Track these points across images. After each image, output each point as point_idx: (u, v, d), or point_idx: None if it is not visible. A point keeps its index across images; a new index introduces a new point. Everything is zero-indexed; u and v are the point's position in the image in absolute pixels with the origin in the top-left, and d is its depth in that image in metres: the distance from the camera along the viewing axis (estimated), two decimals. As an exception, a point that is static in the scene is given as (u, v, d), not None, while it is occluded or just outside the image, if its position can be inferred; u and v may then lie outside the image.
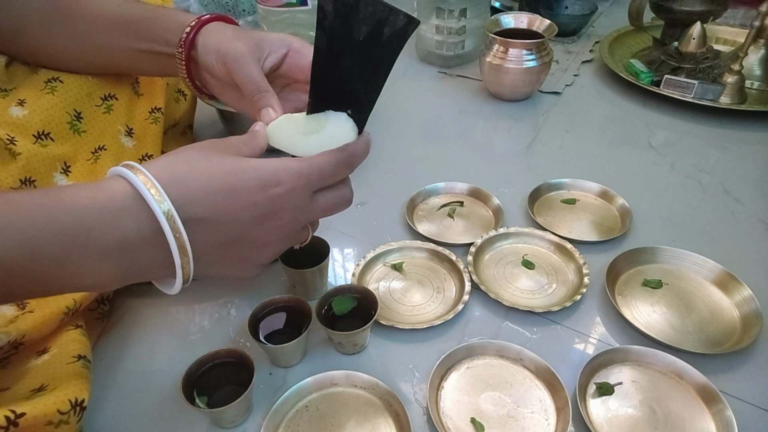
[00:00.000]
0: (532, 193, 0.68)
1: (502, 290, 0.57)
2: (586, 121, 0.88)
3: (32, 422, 0.35)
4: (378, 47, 0.37)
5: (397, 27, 0.36)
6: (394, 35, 0.36)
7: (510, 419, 0.45)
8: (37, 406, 0.36)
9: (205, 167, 0.36)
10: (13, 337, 0.42)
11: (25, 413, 0.35)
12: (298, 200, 0.38)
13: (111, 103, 0.57)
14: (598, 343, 0.52)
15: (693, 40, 0.90)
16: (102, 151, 0.55)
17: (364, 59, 0.38)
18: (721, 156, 0.79)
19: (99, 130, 0.56)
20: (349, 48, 0.37)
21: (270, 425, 0.44)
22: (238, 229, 0.37)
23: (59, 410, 0.37)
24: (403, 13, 0.36)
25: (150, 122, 0.60)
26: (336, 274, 0.60)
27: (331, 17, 0.36)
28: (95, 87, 0.56)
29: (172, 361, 0.51)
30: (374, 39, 0.36)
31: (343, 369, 0.48)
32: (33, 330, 0.44)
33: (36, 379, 0.41)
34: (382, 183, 0.74)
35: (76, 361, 0.43)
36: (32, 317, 0.44)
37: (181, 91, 0.72)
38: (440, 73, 1.05)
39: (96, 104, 0.56)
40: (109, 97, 0.57)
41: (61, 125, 0.52)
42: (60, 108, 0.52)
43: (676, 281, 0.57)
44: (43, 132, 0.51)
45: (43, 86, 0.52)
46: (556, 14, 1.18)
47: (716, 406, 0.44)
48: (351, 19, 0.36)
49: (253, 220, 0.37)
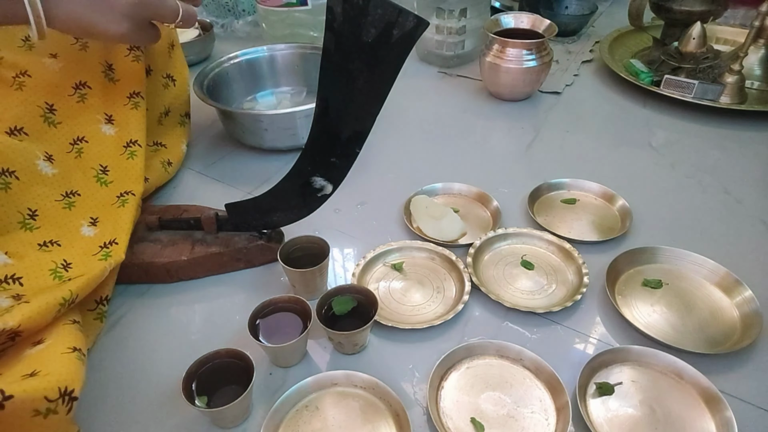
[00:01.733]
0: (532, 193, 0.68)
1: (502, 291, 0.57)
2: (586, 121, 0.88)
3: (19, 406, 0.34)
4: (387, 49, 0.37)
5: (406, 29, 0.36)
6: (403, 37, 0.36)
7: (510, 419, 0.45)
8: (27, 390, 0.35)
9: None
10: (10, 326, 0.41)
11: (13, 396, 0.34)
12: None
13: (84, 92, 0.57)
14: (598, 343, 0.52)
15: (693, 40, 0.90)
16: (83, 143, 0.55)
17: (373, 61, 0.38)
18: (721, 156, 0.79)
19: (75, 120, 0.56)
20: (357, 50, 0.37)
21: (270, 425, 0.44)
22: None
23: (46, 397, 0.36)
24: (412, 15, 0.35)
25: (130, 107, 0.60)
26: (336, 274, 0.60)
27: (340, 19, 0.36)
28: (63, 76, 0.55)
29: (172, 361, 0.51)
30: (383, 41, 0.36)
31: (343, 369, 0.48)
32: (28, 320, 0.42)
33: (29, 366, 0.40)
34: (382, 183, 0.74)
35: (71, 352, 0.42)
36: (28, 307, 0.43)
37: (170, 76, 0.71)
38: (440, 73, 1.05)
39: (68, 94, 0.56)
40: (81, 86, 0.57)
41: (33, 119, 0.52)
42: (30, 102, 0.52)
43: (676, 281, 0.57)
44: (16, 128, 0.51)
45: (11, 82, 0.52)
46: (556, 14, 1.18)
47: (716, 406, 0.44)
48: (360, 21, 0.36)
49: None
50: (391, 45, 0.36)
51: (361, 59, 0.38)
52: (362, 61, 0.38)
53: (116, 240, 0.54)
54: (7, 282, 0.47)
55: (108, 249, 0.53)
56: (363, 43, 0.37)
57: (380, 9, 0.35)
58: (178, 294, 0.58)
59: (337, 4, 0.36)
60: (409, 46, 0.37)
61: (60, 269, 0.50)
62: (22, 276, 0.48)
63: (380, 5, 0.35)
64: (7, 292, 0.46)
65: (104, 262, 0.52)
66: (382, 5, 0.35)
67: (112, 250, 0.53)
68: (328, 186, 0.49)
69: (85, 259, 0.52)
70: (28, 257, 0.49)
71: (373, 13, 0.35)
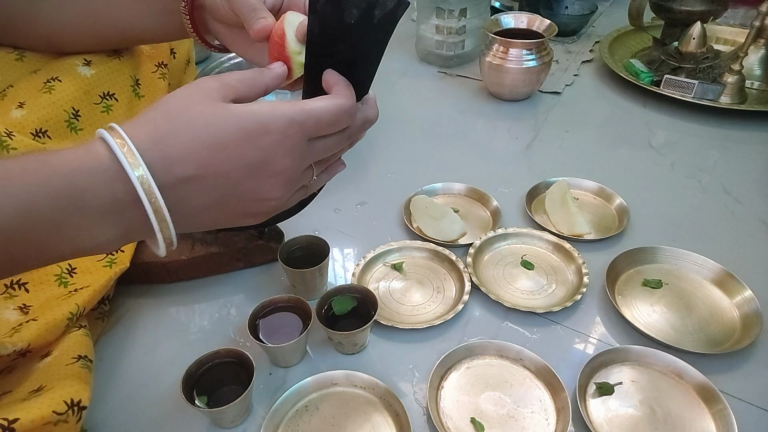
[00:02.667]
0: (530, 191, 0.69)
1: (502, 291, 0.57)
2: (586, 121, 0.88)
3: (28, 426, 0.35)
4: (370, 30, 0.37)
5: (387, 9, 0.36)
6: (385, 17, 0.36)
7: (510, 419, 0.45)
8: (31, 411, 0.36)
9: (187, 121, 0.33)
10: (19, 347, 0.42)
11: (19, 418, 0.34)
12: (293, 146, 0.36)
13: (110, 104, 0.57)
14: (598, 343, 0.52)
15: (693, 40, 0.90)
16: None
17: (357, 43, 0.38)
18: (721, 156, 0.79)
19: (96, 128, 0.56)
20: (341, 32, 0.37)
21: (270, 425, 0.44)
22: (230, 182, 0.35)
23: (55, 411, 0.37)
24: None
25: None
26: (336, 274, 0.60)
27: (323, 1, 0.36)
28: (93, 84, 0.56)
29: (172, 361, 0.51)
30: (366, 22, 0.37)
31: (343, 369, 0.48)
32: (37, 338, 0.44)
33: (36, 381, 0.41)
34: (382, 183, 0.74)
35: (75, 362, 0.43)
36: (36, 325, 0.44)
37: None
38: (440, 73, 1.05)
39: (94, 102, 0.56)
40: (108, 96, 0.57)
41: (58, 123, 0.52)
42: (57, 106, 0.52)
43: (676, 281, 0.57)
44: (41, 130, 0.51)
45: (41, 86, 0.52)
46: (556, 14, 1.18)
47: (716, 406, 0.44)
48: (342, 2, 0.36)
49: (243, 172, 0.35)
50: (373, 26, 0.37)
51: (345, 41, 0.38)
52: (345, 44, 0.38)
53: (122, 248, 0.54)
54: (12, 288, 0.47)
55: (113, 256, 0.53)
56: (346, 24, 0.37)
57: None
58: (178, 294, 0.58)
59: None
60: (391, 26, 0.37)
61: (65, 274, 0.50)
62: (27, 281, 0.48)
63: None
64: (13, 301, 0.46)
65: (109, 270, 0.52)
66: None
67: (117, 258, 0.53)
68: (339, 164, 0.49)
69: (89, 265, 0.52)
70: None
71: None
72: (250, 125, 0.34)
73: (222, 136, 0.34)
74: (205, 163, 0.33)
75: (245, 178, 0.35)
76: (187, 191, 0.34)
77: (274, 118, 0.35)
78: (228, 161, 0.34)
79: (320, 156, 0.39)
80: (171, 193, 0.33)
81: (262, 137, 0.34)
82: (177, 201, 0.33)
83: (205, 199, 0.35)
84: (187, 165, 0.33)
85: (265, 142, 0.35)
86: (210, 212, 0.36)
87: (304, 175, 0.40)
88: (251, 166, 0.35)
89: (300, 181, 0.40)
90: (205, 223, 0.37)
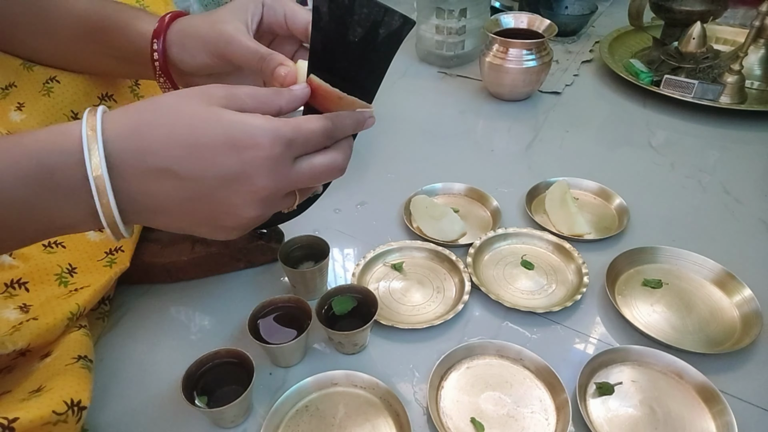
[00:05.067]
0: (530, 191, 0.69)
1: (502, 291, 0.57)
2: (586, 121, 0.88)
3: (28, 426, 0.35)
4: (374, 49, 0.37)
5: (392, 28, 0.36)
6: (390, 36, 0.36)
7: (510, 419, 0.45)
8: (30, 410, 0.36)
9: (173, 118, 0.33)
10: (19, 347, 0.43)
11: (18, 417, 0.34)
12: (278, 166, 0.34)
13: (109, 105, 0.57)
14: (598, 343, 0.52)
15: (693, 40, 0.90)
16: None
17: (360, 61, 0.38)
18: (721, 156, 0.79)
19: None
20: (344, 49, 0.37)
21: (270, 425, 0.44)
22: (202, 187, 0.34)
23: (55, 411, 0.37)
24: (398, 14, 0.35)
25: None
26: (336, 274, 0.60)
27: (326, 18, 0.36)
28: (92, 86, 0.55)
29: (172, 361, 0.51)
30: (370, 40, 0.36)
31: (343, 369, 0.48)
32: (37, 338, 0.44)
33: (36, 381, 0.41)
34: (382, 183, 0.74)
35: (75, 362, 0.43)
36: (36, 325, 0.44)
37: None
38: (440, 73, 1.05)
39: (94, 104, 0.56)
40: (107, 97, 0.57)
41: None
42: (57, 110, 0.52)
43: (676, 281, 0.57)
44: None
45: (41, 87, 0.52)
46: (556, 14, 1.18)
47: (716, 406, 0.44)
48: (346, 21, 0.36)
49: (218, 181, 0.34)
50: (377, 44, 0.36)
51: (348, 59, 0.37)
52: (349, 61, 0.38)
53: (122, 247, 0.54)
54: (13, 287, 0.47)
55: (113, 256, 0.53)
56: (350, 42, 0.36)
57: (366, 8, 0.35)
58: (179, 294, 0.58)
59: (323, 4, 0.36)
60: (395, 45, 0.37)
61: (65, 274, 0.50)
62: (28, 281, 0.48)
63: (366, 4, 0.35)
64: (13, 300, 0.46)
65: (109, 270, 0.52)
66: (367, 4, 0.35)
67: (117, 257, 0.53)
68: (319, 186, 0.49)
69: (90, 265, 0.52)
70: (33, 259, 0.49)
71: (359, 12, 0.35)
72: (236, 133, 0.33)
73: (203, 138, 0.33)
74: (180, 161, 0.33)
75: (219, 186, 0.34)
76: (158, 185, 0.33)
77: (265, 132, 0.33)
78: (204, 165, 0.33)
79: (304, 183, 0.38)
80: (140, 182, 0.33)
81: (248, 149, 0.33)
82: (144, 192, 0.33)
83: (174, 198, 0.34)
84: (161, 157, 0.33)
85: (250, 156, 0.33)
86: (178, 213, 0.35)
87: (285, 200, 0.38)
88: (228, 176, 0.34)
89: (279, 205, 0.38)
90: (173, 223, 0.36)
